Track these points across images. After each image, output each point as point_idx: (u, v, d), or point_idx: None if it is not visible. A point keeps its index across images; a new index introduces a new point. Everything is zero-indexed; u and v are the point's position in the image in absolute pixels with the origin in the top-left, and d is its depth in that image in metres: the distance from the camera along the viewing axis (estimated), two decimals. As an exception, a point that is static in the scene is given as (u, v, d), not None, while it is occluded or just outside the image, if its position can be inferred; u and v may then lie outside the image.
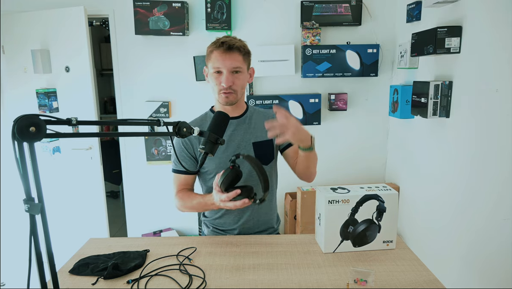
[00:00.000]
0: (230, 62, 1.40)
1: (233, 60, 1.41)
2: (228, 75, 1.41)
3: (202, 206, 1.47)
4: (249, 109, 1.60)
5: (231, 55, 1.40)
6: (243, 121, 1.55)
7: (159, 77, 3.03)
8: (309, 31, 2.94)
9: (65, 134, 0.87)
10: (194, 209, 1.51)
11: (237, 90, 1.45)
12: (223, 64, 1.40)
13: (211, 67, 1.43)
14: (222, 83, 1.42)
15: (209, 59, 1.45)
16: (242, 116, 1.56)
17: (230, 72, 1.41)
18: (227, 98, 1.45)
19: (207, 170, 1.54)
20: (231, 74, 1.42)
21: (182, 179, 1.55)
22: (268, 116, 1.59)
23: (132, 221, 3.26)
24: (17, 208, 2.65)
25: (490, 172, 1.88)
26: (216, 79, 1.44)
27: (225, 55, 1.40)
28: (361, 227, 1.30)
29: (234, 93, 1.45)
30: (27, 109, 2.79)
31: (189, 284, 1.14)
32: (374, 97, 3.09)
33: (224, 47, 1.39)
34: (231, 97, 1.45)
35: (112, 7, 2.94)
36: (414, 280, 1.15)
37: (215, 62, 1.41)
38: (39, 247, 0.82)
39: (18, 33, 2.89)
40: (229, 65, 1.40)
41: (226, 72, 1.41)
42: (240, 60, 1.43)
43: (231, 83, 1.42)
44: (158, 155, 3.11)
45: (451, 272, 2.18)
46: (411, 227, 2.74)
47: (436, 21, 2.30)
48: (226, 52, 1.40)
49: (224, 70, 1.41)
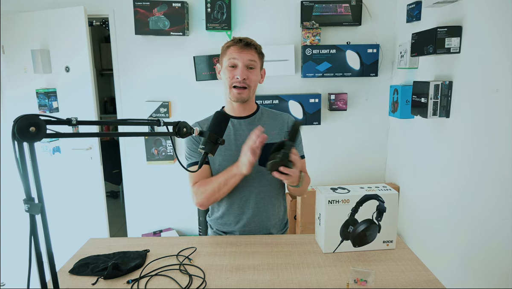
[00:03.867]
0: (247, 55, 1.44)
1: (249, 55, 1.44)
2: (243, 69, 1.43)
3: (227, 176, 1.41)
4: (259, 109, 1.60)
5: (248, 50, 1.44)
6: (253, 121, 1.55)
7: (159, 77, 3.03)
8: (309, 31, 2.94)
9: (65, 134, 0.87)
10: (217, 183, 1.43)
11: (250, 86, 1.46)
12: (239, 56, 1.43)
13: (226, 60, 1.46)
14: (236, 75, 1.43)
15: (225, 54, 1.47)
16: (252, 116, 1.56)
17: (245, 66, 1.44)
18: (240, 95, 1.45)
19: (213, 168, 1.53)
20: (246, 69, 1.44)
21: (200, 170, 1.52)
22: (277, 118, 1.59)
23: (132, 221, 3.26)
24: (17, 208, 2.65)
25: (489, 172, 1.88)
26: (230, 72, 1.45)
27: (242, 49, 1.44)
28: (361, 227, 1.30)
29: (248, 89, 1.46)
30: (27, 109, 2.79)
31: (189, 284, 1.14)
32: (374, 97, 3.09)
33: (242, 43, 1.44)
34: (243, 93, 1.46)
35: (112, 7, 2.94)
36: (414, 280, 1.15)
37: (231, 55, 1.44)
38: (39, 247, 0.82)
39: (18, 33, 2.89)
40: (245, 58, 1.43)
41: (242, 65, 1.43)
42: (255, 57, 1.47)
43: (245, 77, 1.43)
44: (158, 154, 3.11)
45: (451, 272, 2.18)
46: (411, 227, 2.74)
47: (436, 21, 2.30)
48: (243, 47, 1.44)
49: (239, 63, 1.43)
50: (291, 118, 1.62)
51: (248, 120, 1.55)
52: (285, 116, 1.61)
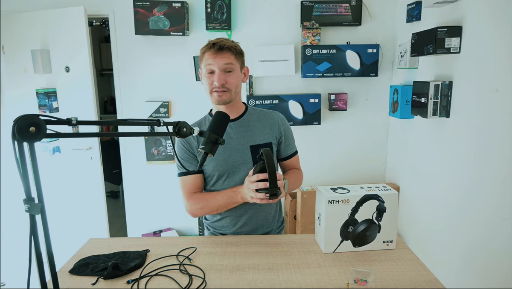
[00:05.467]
0: (222, 60, 1.41)
1: (225, 59, 1.41)
2: (220, 74, 1.41)
3: (228, 198, 1.43)
4: (248, 110, 1.58)
5: (222, 54, 1.41)
6: (242, 123, 1.54)
7: (159, 77, 3.03)
8: (309, 31, 2.94)
9: (65, 134, 0.87)
10: (216, 204, 1.46)
11: (231, 89, 1.44)
12: (214, 62, 1.41)
13: (204, 67, 1.44)
14: (214, 82, 1.42)
15: (202, 61, 1.46)
16: (240, 119, 1.54)
17: (222, 71, 1.41)
18: (220, 98, 1.44)
19: (205, 173, 1.53)
20: (223, 73, 1.42)
21: (192, 180, 1.52)
22: (267, 117, 1.58)
23: (132, 221, 3.26)
24: (17, 208, 2.66)
25: (490, 172, 1.88)
26: (209, 79, 1.44)
27: (217, 55, 1.41)
28: (361, 227, 1.30)
29: (228, 92, 1.44)
30: (27, 109, 2.79)
31: (189, 284, 1.14)
32: (374, 97, 3.09)
33: (216, 47, 1.40)
34: (224, 96, 1.44)
35: (112, 7, 2.94)
36: (414, 280, 1.15)
37: (207, 61, 1.42)
38: (39, 247, 0.82)
39: (18, 33, 2.89)
40: (221, 62, 1.41)
41: (218, 71, 1.41)
42: (232, 59, 1.43)
43: (223, 82, 1.41)
44: (158, 154, 3.11)
45: (451, 272, 2.18)
46: (411, 227, 2.74)
47: (436, 21, 2.30)
48: (217, 52, 1.41)
49: (216, 69, 1.41)
50: (281, 116, 1.61)
51: (238, 123, 1.53)
52: (275, 115, 1.60)
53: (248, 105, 1.61)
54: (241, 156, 1.49)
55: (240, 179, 1.49)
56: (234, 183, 1.50)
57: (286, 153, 1.63)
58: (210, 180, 1.53)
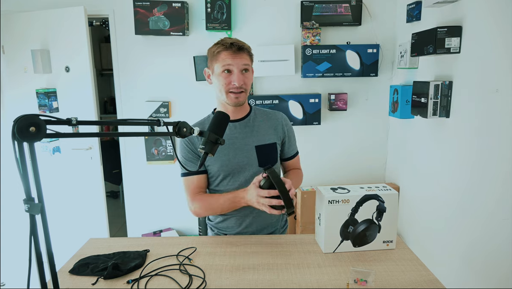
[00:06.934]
0: (241, 60, 1.41)
1: (243, 59, 1.42)
2: (239, 74, 1.41)
3: (230, 202, 1.43)
4: (252, 110, 1.58)
5: (241, 55, 1.42)
6: (246, 124, 1.54)
7: (159, 77, 3.03)
8: (309, 31, 2.94)
9: (65, 134, 0.87)
10: (220, 207, 1.47)
11: (247, 90, 1.46)
12: (233, 62, 1.41)
13: (220, 66, 1.42)
14: (233, 82, 1.41)
15: (216, 60, 1.44)
16: (245, 119, 1.55)
17: (240, 71, 1.42)
18: (237, 99, 1.44)
19: (210, 173, 1.53)
20: (242, 74, 1.43)
21: (195, 180, 1.52)
22: (271, 117, 1.59)
23: (132, 221, 3.26)
24: (17, 208, 2.65)
25: (490, 172, 1.88)
26: (226, 78, 1.42)
27: (236, 55, 1.41)
28: (361, 227, 1.30)
29: (244, 93, 1.45)
30: (27, 109, 2.79)
31: (189, 284, 1.14)
32: (374, 97, 3.09)
33: (234, 47, 1.40)
34: (241, 97, 1.45)
35: (112, 7, 2.94)
36: (414, 280, 1.15)
37: (225, 61, 1.41)
38: (39, 247, 0.82)
39: (18, 33, 2.89)
40: (240, 63, 1.41)
41: (237, 71, 1.41)
42: (248, 60, 1.45)
43: (242, 82, 1.42)
44: (158, 154, 3.11)
45: (451, 272, 2.18)
46: (411, 227, 2.74)
47: (436, 21, 2.30)
48: (236, 52, 1.41)
49: (235, 69, 1.41)
50: (284, 117, 1.63)
51: (243, 123, 1.54)
52: (278, 116, 1.61)
53: (251, 105, 1.62)
54: (246, 156, 1.50)
55: (245, 178, 1.50)
56: (238, 183, 1.50)
57: (289, 153, 1.64)
58: (215, 180, 1.53)
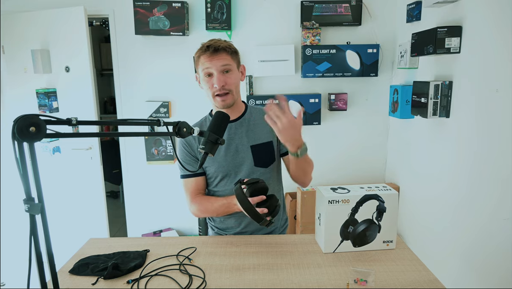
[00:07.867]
0: (219, 61, 1.40)
1: (221, 60, 1.40)
2: (219, 76, 1.40)
3: (225, 208, 1.46)
4: (247, 110, 1.58)
5: (218, 56, 1.40)
6: (241, 123, 1.54)
7: (159, 77, 3.03)
8: (309, 31, 2.94)
9: (65, 134, 0.87)
10: (215, 212, 1.50)
11: (232, 90, 1.44)
12: (211, 64, 1.40)
13: (201, 71, 1.43)
14: (214, 84, 1.41)
15: (198, 65, 1.45)
16: (240, 119, 1.54)
17: (220, 72, 1.41)
18: (224, 102, 1.44)
19: (208, 174, 1.54)
20: (222, 74, 1.41)
21: (194, 182, 1.54)
22: None
23: (132, 221, 3.26)
24: (17, 208, 2.65)
25: (490, 172, 1.88)
26: (208, 82, 1.43)
27: (213, 57, 1.40)
28: (361, 227, 1.30)
29: (230, 94, 1.44)
30: (27, 109, 2.79)
31: (189, 284, 1.14)
32: (374, 97, 3.09)
33: (211, 50, 1.39)
34: (227, 99, 1.44)
35: (112, 7, 2.94)
36: (414, 280, 1.15)
37: (204, 65, 1.41)
38: (39, 247, 0.82)
39: (18, 33, 2.89)
40: (218, 64, 1.40)
41: (217, 72, 1.40)
42: (228, 59, 1.42)
43: (223, 83, 1.41)
44: (158, 154, 3.11)
45: (451, 272, 2.18)
46: (411, 227, 2.74)
47: (436, 21, 2.30)
48: (213, 54, 1.40)
49: (214, 71, 1.41)
50: None
51: (238, 123, 1.53)
52: None
53: (247, 104, 1.61)
54: (242, 157, 1.50)
55: None
56: None
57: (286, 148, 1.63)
58: (213, 181, 1.54)
